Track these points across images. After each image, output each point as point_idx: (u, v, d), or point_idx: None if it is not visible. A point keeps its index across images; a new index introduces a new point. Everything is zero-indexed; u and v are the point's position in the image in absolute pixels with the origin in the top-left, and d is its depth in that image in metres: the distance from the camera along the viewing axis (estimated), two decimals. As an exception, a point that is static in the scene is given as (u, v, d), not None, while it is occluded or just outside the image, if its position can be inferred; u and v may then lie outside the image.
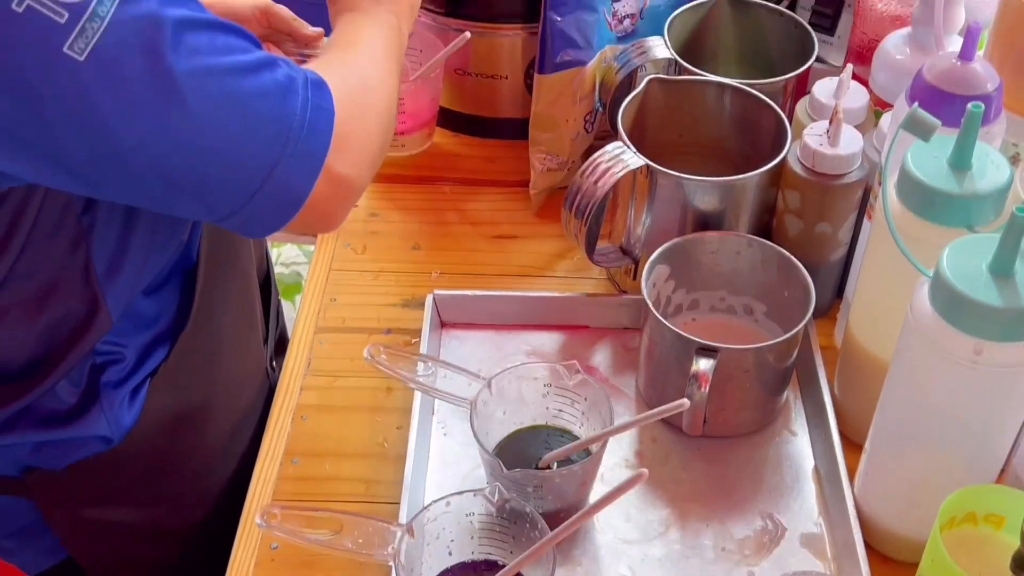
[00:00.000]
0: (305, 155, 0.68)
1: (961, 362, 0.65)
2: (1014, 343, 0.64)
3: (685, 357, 0.81)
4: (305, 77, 0.70)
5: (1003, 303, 0.63)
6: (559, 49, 0.99)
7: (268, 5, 0.98)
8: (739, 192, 0.89)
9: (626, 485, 0.67)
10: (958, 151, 0.71)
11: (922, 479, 0.75)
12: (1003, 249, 0.64)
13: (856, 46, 1.01)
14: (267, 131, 0.67)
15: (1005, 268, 0.64)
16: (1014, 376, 0.66)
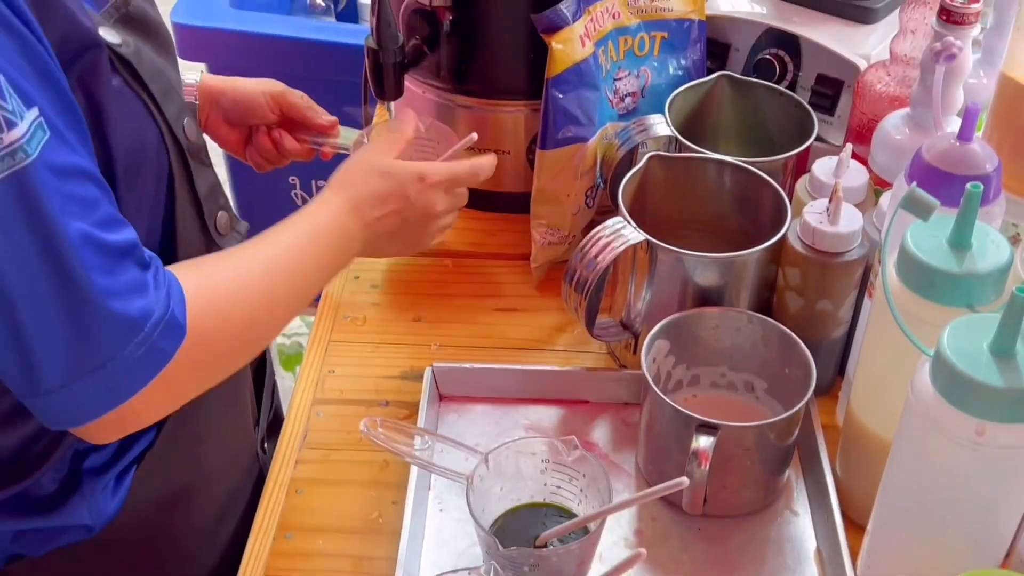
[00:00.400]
0: (111, 387, 0.66)
1: (963, 443, 0.64)
2: (1016, 424, 0.63)
3: (685, 434, 0.80)
4: (162, 317, 0.66)
5: (1005, 383, 0.62)
6: (561, 125, 1.00)
7: (282, 92, 0.99)
8: (739, 268, 0.89)
9: (623, 566, 0.65)
10: (958, 231, 0.71)
11: (926, 562, 0.73)
12: (1004, 329, 0.63)
13: (856, 126, 1.02)
14: (86, 352, 0.64)
15: (1006, 348, 0.63)
16: (1017, 457, 0.65)
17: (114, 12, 0.74)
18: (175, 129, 0.76)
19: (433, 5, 1.03)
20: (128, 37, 0.73)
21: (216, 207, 0.84)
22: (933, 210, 0.67)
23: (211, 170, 0.83)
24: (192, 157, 0.79)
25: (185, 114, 0.79)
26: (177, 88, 0.79)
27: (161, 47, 0.79)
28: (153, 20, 0.78)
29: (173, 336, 0.67)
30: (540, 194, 1.04)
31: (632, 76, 1.06)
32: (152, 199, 0.76)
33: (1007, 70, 0.85)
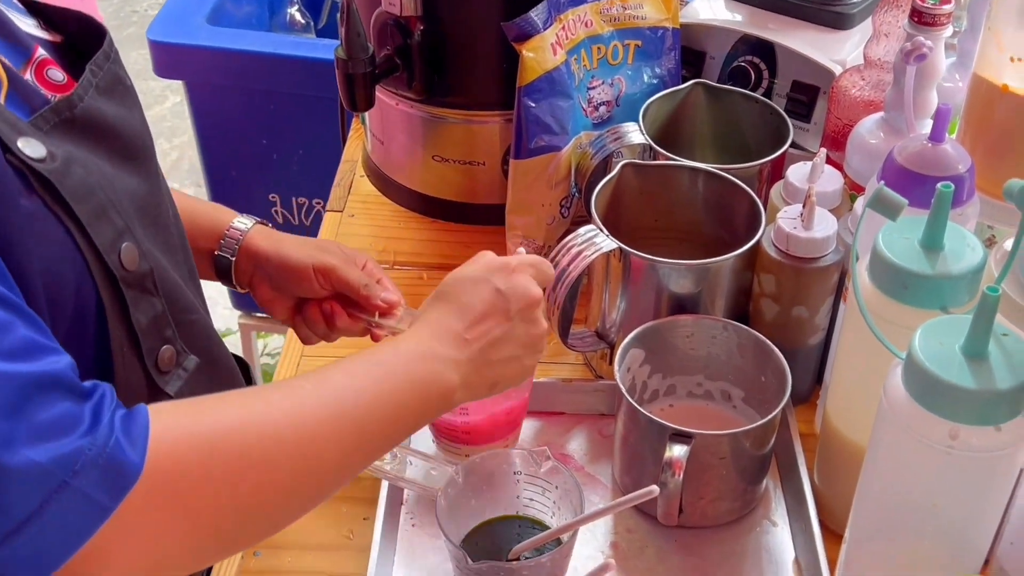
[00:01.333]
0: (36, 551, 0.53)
1: (937, 447, 0.63)
2: (990, 426, 0.62)
3: (659, 443, 0.79)
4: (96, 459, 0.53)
5: (977, 385, 0.61)
6: (534, 134, 0.99)
7: (334, 267, 0.83)
8: (714, 276, 0.88)
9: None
10: (929, 231, 0.70)
11: (904, 571, 0.72)
12: (975, 330, 0.62)
13: (831, 131, 1.01)
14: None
15: (978, 349, 0.62)
16: (992, 461, 0.64)
17: (52, 117, 0.63)
18: (107, 258, 0.64)
19: (404, 15, 1.02)
20: (62, 148, 0.62)
21: (159, 341, 0.69)
22: (901, 209, 0.66)
23: (156, 299, 0.68)
24: (130, 287, 0.66)
25: (124, 239, 0.65)
26: (119, 204, 0.66)
27: (117, 153, 0.68)
28: (108, 122, 0.67)
29: (112, 481, 0.53)
30: (514, 204, 1.03)
31: (606, 85, 1.05)
32: (78, 335, 0.64)
33: (978, 70, 0.85)
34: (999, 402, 0.61)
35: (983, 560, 0.70)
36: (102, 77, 0.68)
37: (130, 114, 0.71)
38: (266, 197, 1.74)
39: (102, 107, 0.67)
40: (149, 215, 0.71)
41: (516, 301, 0.69)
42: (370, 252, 1.11)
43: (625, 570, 0.81)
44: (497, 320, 0.69)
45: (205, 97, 1.68)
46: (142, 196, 0.70)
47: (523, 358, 0.71)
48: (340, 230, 1.14)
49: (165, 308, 0.69)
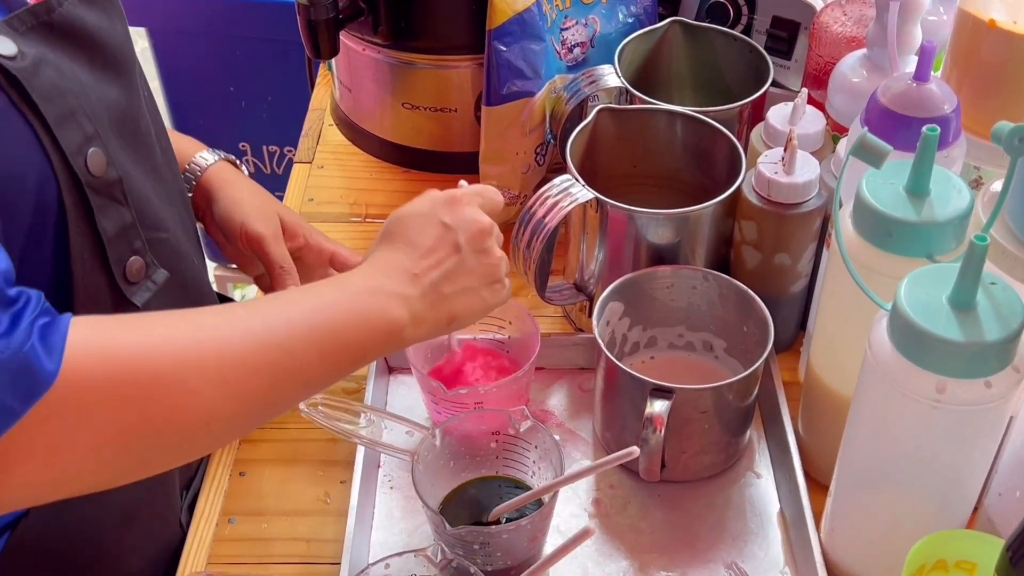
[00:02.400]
0: None
1: (923, 400, 0.61)
2: (977, 379, 0.60)
3: (640, 398, 0.77)
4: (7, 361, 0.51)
5: (965, 338, 0.59)
6: (506, 80, 0.96)
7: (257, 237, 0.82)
8: (693, 224, 0.85)
9: (571, 543, 0.62)
10: (915, 177, 0.67)
11: (890, 523, 0.70)
12: (963, 280, 0.60)
13: (813, 69, 0.98)
14: None
15: (966, 300, 0.60)
16: (979, 415, 0.62)
17: (29, 19, 0.62)
18: (72, 161, 0.63)
19: (367, -43, 0.98)
20: (35, 49, 0.61)
21: (127, 251, 0.68)
22: (886, 157, 0.64)
23: (125, 209, 0.67)
24: (97, 193, 0.65)
25: (93, 144, 0.64)
26: (91, 111, 0.65)
27: (95, 62, 0.66)
28: (88, 30, 0.66)
29: (23, 386, 0.52)
30: (488, 153, 1.00)
31: (580, 25, 1.01)
32: (33, 237, 0.62)
33: (964, 4, 0.81)
34: (987, 354, 0.59)
35: (971, 512, 0.69)
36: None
37: (111, 24, 0.69)
38: (236, 146, 1.70)
39: (82, 14, 0.66)
40: (126, 127, 0.69)
41: (464, 232, 0.68)
42: (341, 205, 1.08)
43: (608, 527, 0.80)
44: (447, 252, 0.67)
45: (169, 44, 1.63)
46: (120, 108, 0.69)
47: (479, 289, 0.69)
48: (309, 182, 1.11)
49: (135, 219, 0.68)
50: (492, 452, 0.78)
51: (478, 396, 0.80)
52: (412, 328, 0.65)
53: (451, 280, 0.67)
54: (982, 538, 0.64)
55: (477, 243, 0.68)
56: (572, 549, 0.62)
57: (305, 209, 1.08)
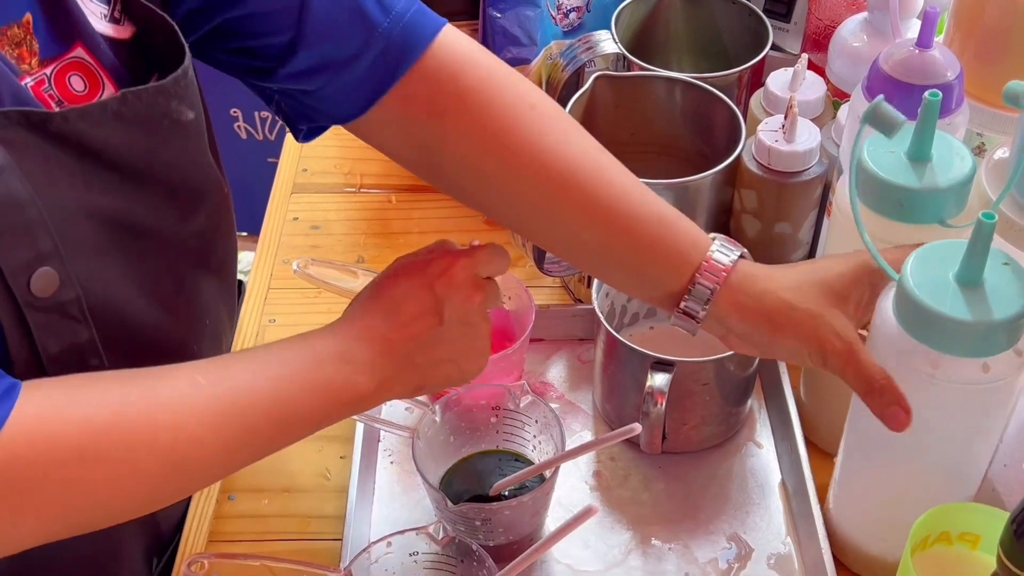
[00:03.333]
0: None
1: (921, 375, 0.61)
2: (975, 359, 0.59)
3: (640, 372, 0.76)
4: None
5: (961, 315, 0.58)
6: (501, 47, 0.94)
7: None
8: (692, 194, 0.84)
9: (574, 522, 0.62)
10: (917, 143, 0.66)
11: (895, 495, 0.70)
12: (970, 257, 0.59)
13: (812, 33, 0.96)
14: None
15: (972, 278, 0.59)
16: (977, 395, 0.61)
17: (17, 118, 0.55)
18: (11, 281, 0.57)
19: (358, -77, 0.95)
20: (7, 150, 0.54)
21: (77, 367, 0.60)
22: (900, 127, 0.62)
23: (82, 326, 0.61)
24: (39, 312, 0.58)
25: (46, 263, 0.57)
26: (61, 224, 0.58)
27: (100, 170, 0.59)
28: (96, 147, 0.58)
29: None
30: (483, 122, 0.98)
31: (575, -10, 1.00)
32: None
33: (968, -32, 0.80)
34: (985, 334, 0.58)
35: (976, 488, 0.69)
36: (137, 108, 0.58)
37: (162, 147, 0.61)
38: (228, 112, 1.67)
39: (105, 133, 0.58)
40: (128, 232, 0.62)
41: (451, 304, 0.63)
42: (335, 175, 1.07)
43: (609, 499, 0.80)
44: (427, 324, 0.63)
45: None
46: (120, 212, 0.61)
47: (459, 362, 0.65)
48: (303, 152, 1.09)
49: (94, 336, 0.61)
50: (492, 427, 0.77)
51: None
52: (377, 395, 0.62)
53: (426, 351, 0.63)
54: (985, 511, 0.64)
55: (463, 316, 0.64)
56: (574, 528, 0.62)
57: (299, 180, 1.07)
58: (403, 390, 0.64)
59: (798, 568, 0.75)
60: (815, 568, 0.73)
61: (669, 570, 0.75)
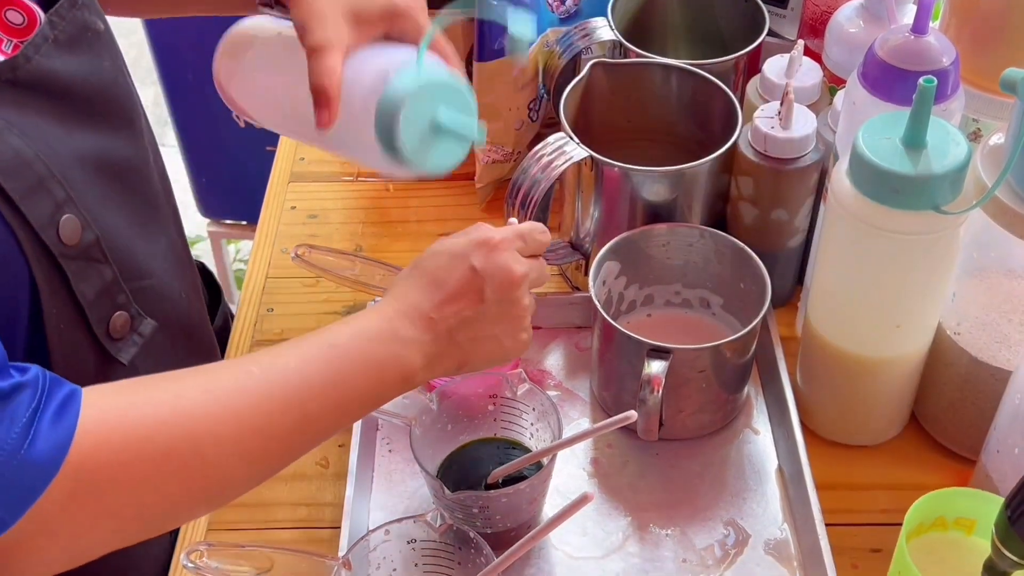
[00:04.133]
0: None
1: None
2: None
3: (637, 358, 0.77)
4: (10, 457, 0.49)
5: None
6: (497, 34, 0.94)
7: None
8: (689, 181, 0.84)
9: (569, 510, 0.62)
10: (911, 129, 0.66)
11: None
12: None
13: (809, 19, 0.96)
14: None
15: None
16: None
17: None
18: (43, 234, 0.60)
19: (353, -90, 0.95)
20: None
21: (110, 310, 0.66)
22: None
23: (105, 266, 0.64)
24: (72, 260, 0.61)
25: (65, 211, 0.60)
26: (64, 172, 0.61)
27: (74, 111, 0.63)
28: (62, 81, 0.61)
29: (25, 480, 0.50)
30: (481, 110, 0.98)
31: (572, -23, 0.99)
32: (7, 315, 0.60)
33: (964, -47, 0.80)
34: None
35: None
36: (64, 27, 0.61)
37: (97, 65, 0.64)
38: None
39: (56, 65, 0.61)
40: (113, 171, 0.65)
41: (493, 280, 0.64)
42: (332, 164, 1.07)
43: (606, 486, 0.80)
44: (469, 301, 0.64)
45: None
46: (104, 152, 0.65)
47: (501, 338, 0.66)
48: (298, 148, 1.09)
49: (116, 274, 0.65)
50: (490, 415, 0.77)
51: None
52: (425, 371, 0.63)
53: (468, 328, 0.64)
54: (980, 495, 0.64)
55: (504, 293, 0.64)
56: (571, 514, 0.62)
57: (296, 168, 1.07)
58: (448, 367, 0.65)
59: (795, 553, 0.76)
60: (812, 553, 0.74)
61: (667, 556, 0.76)
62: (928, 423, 0.81)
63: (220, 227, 1.86)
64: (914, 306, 0.72)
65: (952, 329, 0.76)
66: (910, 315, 0.73)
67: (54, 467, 0.50)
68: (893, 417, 0.81)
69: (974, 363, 0.74)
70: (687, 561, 0.76)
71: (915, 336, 0.75)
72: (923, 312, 0.73)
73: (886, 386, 0.77)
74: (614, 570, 0.75)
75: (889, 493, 0.79)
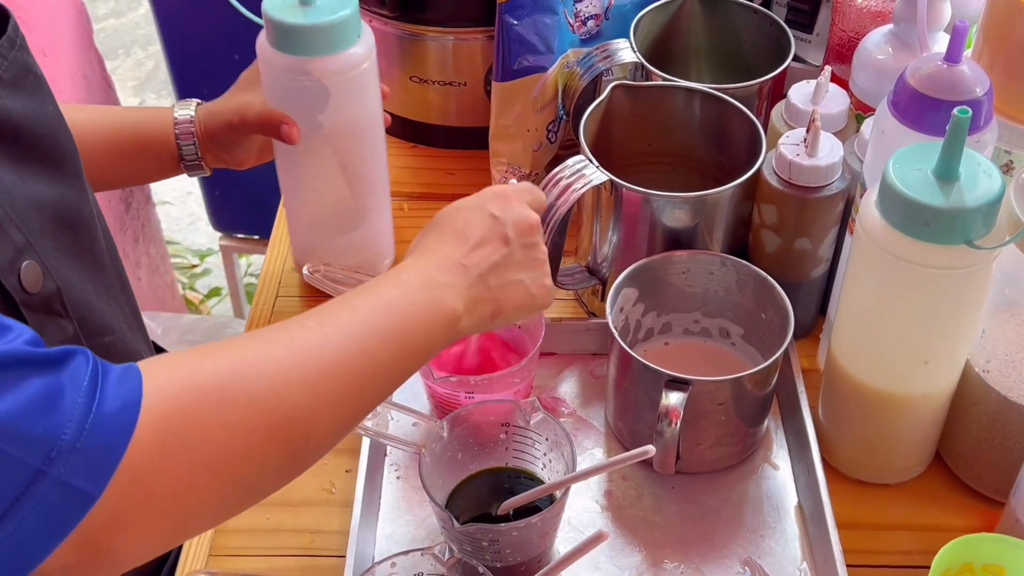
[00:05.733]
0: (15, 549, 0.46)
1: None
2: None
3: (655, 389, 0.74)
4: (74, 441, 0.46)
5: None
6: (517, 55, 0.93)
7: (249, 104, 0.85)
8: (711, 208, 0.82)
9: (583, 548, 0.60)
10: (944, 161, 0.64)
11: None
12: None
13: (836, 44, 0.94)
14: None
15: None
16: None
17: None
18: (5, 281, 0.57)
19: (374, -74, 0.94)
20: None
21: None
22: None
23: (67, 322, 0.62)
24: (34, 312, 0.59)
25: (25, 256, 0.58)
26: (21, 217, 0.58)
27: (24, 154, 0.61)
28: (12, 120, 0.60)
29: (104, 439, 0.47)
30: (498, 130, 0.97)
31: (594, -3, 0.98)
32: None
33: (998, -20, 0.78)
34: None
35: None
36: (7, 68, 0.60)
37: (41, 108, 0.63)
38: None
39: (6, 103, 0.60)
40: (64, 223, 0.63)
41: (513, 225, 0.66)
42: (347, 182, 1.06)
43: (620, 520, 0.78)
44: (495, 245, 0.65)
45: (172, 9, 1.59)
46: (54, 203, 0.63)
47: (527, 283, 0.67)
48: (315, 158, 1.08)
49: (77, 330, 0.62)
50: (501, 444, 0.75)
51: (469, 385, 0.77)
52: (467, 319, 0.64)
53: (499, 272, 0.65)
54: (1010, 542, 0.62)
55: (525, 237, 0.66)
56: (585, 553, 0.60)
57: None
58: (485, 314, 0.65)
59: (814, 595, 0.73)
60: (831, 596, 0.71)
61: (681, 595, 0.74)
62: (954, 463, 0.79)
63: (232, 241, 1.85)
64: (942, 342, 0.70)
65: (981, 367, 0.73)
66: (938, 351, 0.70)
67: (132, 419, 0.47)
68: (918, 455, 0.78)
69: (1003, 402, 0.72)
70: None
71: (942, 373, 0.73)
72: (952, 348, 0.71)
73: (911, 424, 0.75)
74: (627, 608, 0.73)
75: (913, 534, 0.76)
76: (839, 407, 0.79)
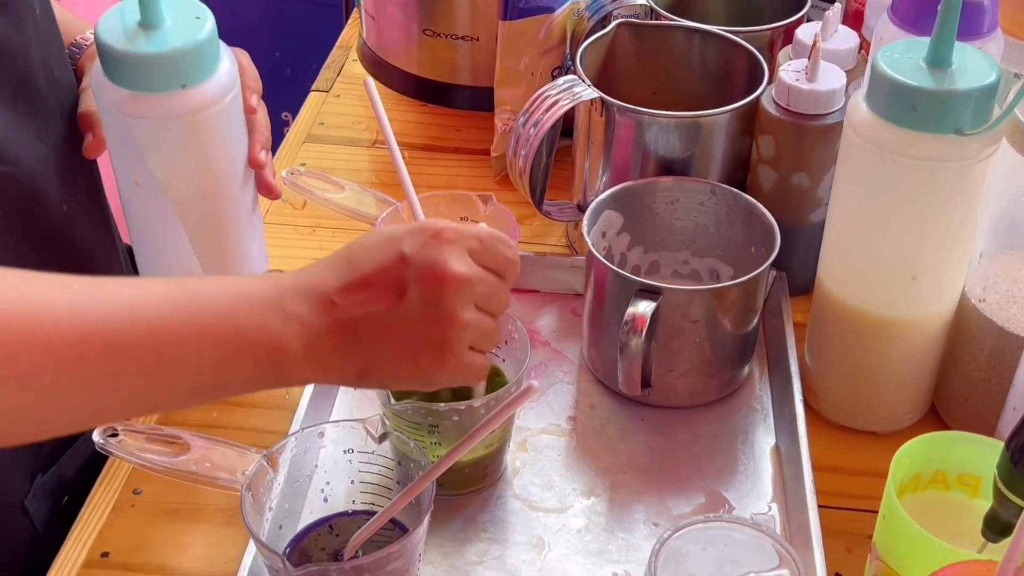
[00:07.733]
0: None
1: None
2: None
3: (626, 302, 0.70)
4: None
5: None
6: (526, -7, 0.91)
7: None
8: (706, 134, 0.79)
9: (512, 403, 0.55)
10: (935, 45, 0.61)
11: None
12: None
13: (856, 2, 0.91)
14: None
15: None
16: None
17: None
18: None
19: None
20: None
21: None
22: None
23: None
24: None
25: None
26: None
27: None
28: None
29: None
30: (503, 75, 0.95)
31: (610, -52, 0.96)
32: None
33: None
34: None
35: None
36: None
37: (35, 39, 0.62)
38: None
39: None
40: None
41: (420, 272, 0.51)
42: (352, 130, 1.05)
43: (581, 444, 0.73)
44: (383, 292, 0.51)
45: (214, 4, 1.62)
46: None
47: (419, 357, 0.52)
48: (323, 108, 1.07)
49: None
50: None
51: None
52: (305, 363, 0.51)
53: (376, 327, 0.51)
54: (984, 442, 0.56)
55: (432, 292, 0.51)
56: (515, 408, 0.55)
57: (314, 131, 1.04)
58: (343, 369, 0.52)
59: (781, 531, 0.67)
60: (800, 531, 0.65)
61: (636, 518, 0.68)
62: (948, 414, 0.73)
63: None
64: (932, 253, 0.65)
65: (977, 296, 0.68)
66: (928, 265, 0.65)
67: None
68: (907, 399, 0.72)
69: (1001, 334, 0.66)
70: (658, 525, 0.67)
71: (933, 295, 0.67)
72: (941, 264, 0.66)
73: (900, 355, 0.69)
74: (575, 526, 0.67)
75: (897, 481, 0.70)
76: (826, 339, 0.73)
